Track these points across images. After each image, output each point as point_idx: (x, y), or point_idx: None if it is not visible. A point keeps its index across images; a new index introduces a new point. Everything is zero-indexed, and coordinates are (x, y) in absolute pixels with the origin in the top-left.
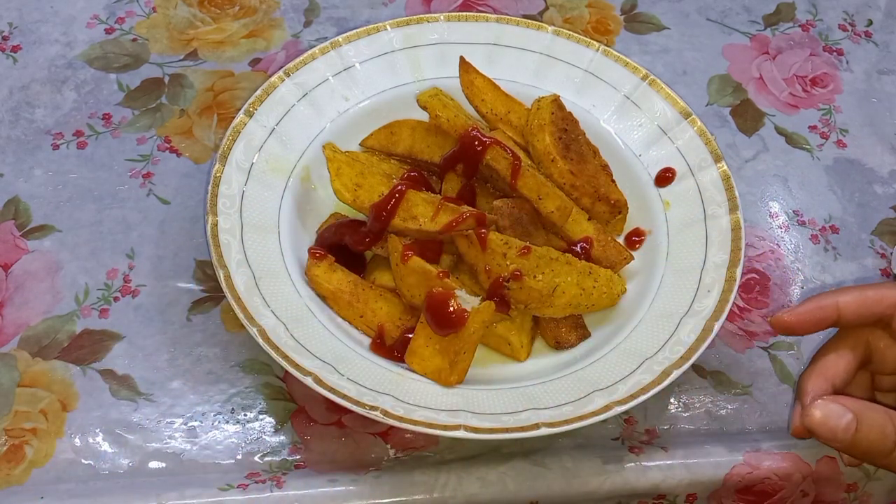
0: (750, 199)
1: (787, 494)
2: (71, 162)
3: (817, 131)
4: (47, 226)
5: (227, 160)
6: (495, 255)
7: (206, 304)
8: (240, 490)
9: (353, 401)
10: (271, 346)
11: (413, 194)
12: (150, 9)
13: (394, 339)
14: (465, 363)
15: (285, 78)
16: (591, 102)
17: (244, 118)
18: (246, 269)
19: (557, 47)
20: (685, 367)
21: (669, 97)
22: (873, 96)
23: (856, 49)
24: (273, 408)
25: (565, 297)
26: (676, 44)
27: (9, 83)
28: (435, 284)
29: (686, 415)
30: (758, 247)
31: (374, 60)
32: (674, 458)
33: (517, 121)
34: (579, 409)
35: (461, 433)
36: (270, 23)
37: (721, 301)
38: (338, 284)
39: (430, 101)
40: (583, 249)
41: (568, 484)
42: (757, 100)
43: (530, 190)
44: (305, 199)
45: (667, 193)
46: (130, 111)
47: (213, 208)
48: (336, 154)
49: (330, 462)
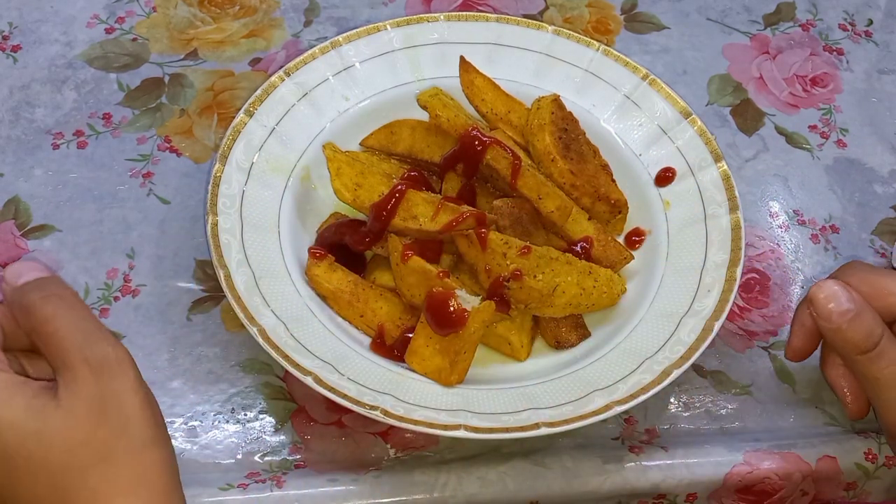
0: (750, 198)
1: (787, 494)
2: (71, 162)
3: (817, 131)
4: (47, 225)
5: (227, 160)
6: (495, 255)
7: (206, 304)
8: (240, 490)
9: (354, 400)
10: (271, 345)
11: (413, 194)
12: (151, 8)
13: (394, 338)
14: (465, 363)
15: (285, 77)
16: (592, 102)
17: (244, 118)
18: (246, 268)
19: (557, 47)
20: (685, 367)
21: (669, 97)
22: (873, 96)
23: (856, 49)
24: (273, 407)
25: (565, 297)
26: (676, 43)
27: (9, 83)
28: (435, 284)
29: (686, 414)
30: (758, 246)
31: (374, 60)
32: (674, 457)
33: (517, 120)
34: (579, 408)
35: (461, 433)
36: (270, 22)
37: (721, 301)
38: (338, 284)
39: (430, 101)
40: (583, 249)
41: (568, 484)
42: (757, 99)
43: (530, 190)
44: (305, 198)
45: (667, 193)
46: (130, 111)
47: (213, 208)
48: (336, 154)
49: (330, 462)
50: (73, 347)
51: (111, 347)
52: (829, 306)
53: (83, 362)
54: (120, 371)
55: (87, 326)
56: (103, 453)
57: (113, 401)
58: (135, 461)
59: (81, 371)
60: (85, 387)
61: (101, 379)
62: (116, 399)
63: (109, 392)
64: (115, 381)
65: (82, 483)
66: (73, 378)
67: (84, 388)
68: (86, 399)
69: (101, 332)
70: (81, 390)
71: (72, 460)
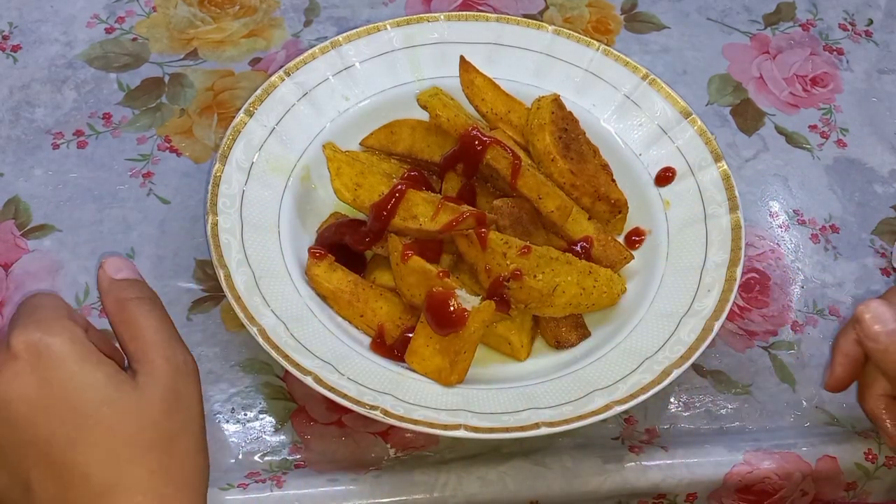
0: (750, 198)
1: (787, 494)
2: (71, 161)
3: (817, 131)
4: (47, 225)
5: (227, 160)
6: (495, 255)
7: (206, 304)
8: (240, 489)
9: (354, 400)
10: (271, 345)
11: (413, 194)
12: (151, 8)
13: (394, 338)
14: (465, 363)
15: (285, 77)
16: (592, 102)
17: (244, 118)
18: (246, 268)
19: (557, 47)
20: (685, 367)
21: (669, 97)
22: (873, 96)
23: (856, 48)
24: (273, 407)
25: (565, 297)
26: (676, 43)
27: (9, 83)
28: (435, 284)
29: (686, 414)
30: (758, 246)
31: (374, 60)
32: (674, 457)
33: (517, 120)
34: (579, 408)
35: (461, 433)
36: (270, 22)
37: (721, 300)
38: (338, 284)
39: (430, 101)
40: (583, 249)
41: (568, 483)
42: (757, 99)
43: (530, 189)
44: (305, 198)
45: (667, 193)
46: (130, 111)
47: (213, 208)
48: (336, 153)
49: (330, 461)
50: (156, 346)
51: (188, 356)
52: (876, 327)
53: (164, 359)
54: (193, 378)
55: (170, 332)
56: (166, 442)
57: (185, 400)
58: (189, 461)
59: (162, 366)
60: (163, 379)
61: (177, 377)
62: (187, 400)
63: (183, 391)
64: (189, 385)
65: (140, 462)
66: (153, 370)
67: (162, 380)
68: (162, 389)
69: (180, 340)
70: (159, 381)
71: (138, 437)
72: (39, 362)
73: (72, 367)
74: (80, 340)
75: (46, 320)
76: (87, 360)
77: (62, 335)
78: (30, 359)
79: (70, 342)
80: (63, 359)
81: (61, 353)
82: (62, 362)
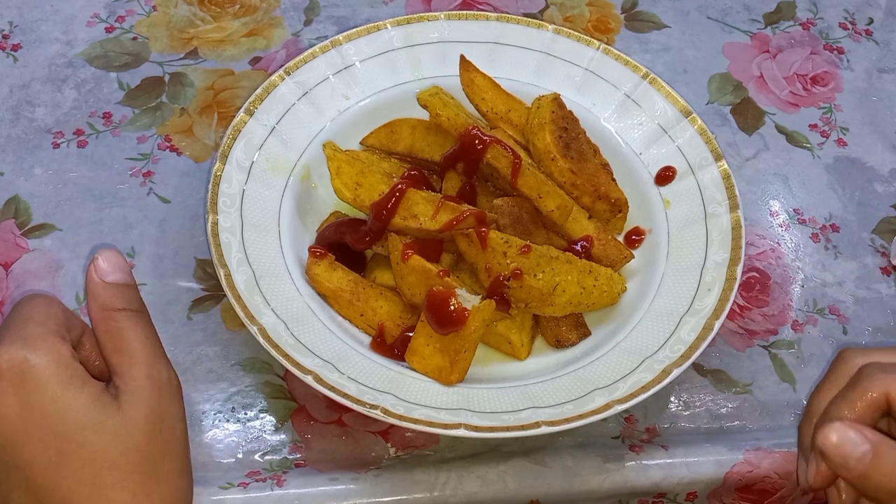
0: (750, 197)
1: (788, 493)
2: (71, 161)
3: (818, 130)
4: (48, 224)
5: (227, 159)
6: (495, 254)
7: (206, 303)
8: (240, 489)
9: (354, 399)
10: (272, 344)
11: (413, 193)
12: (151, 7)
13: (394, 337)
14: (465, 362)
15: (286, 76)
16: (592, 101)
17: (244, 117)
18: (246, 267)
19: (558, 46)
20: (685, 366)
21: (670, 96)
22: (874, 95)
23: (856, 47)
24: (273, 406)
25: (566, 296)
26: (677, 42)
27: (9, 82)
28: (435, 283)
29: (686, 413)
30: (758, 245)
31: (374, 59)
32: (674, 456)
33: (517, 119)
34: (580, 407)
35: (461, 432)
36: (271, 21)
37: (721, 300)
38: (338, 283)
39: (430, 100)
40: (583, 248)
41: (568, 482)
42: (757, 98)
43: (531, 188)
44: (306, 197)
45: (667, 192)
46: (131, 110)
47: (213, 207)
48: (336, 153)
49: (330, 461)
50: (140, 363)
51: (171, 372)
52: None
53: (147, 377)
54: (177, 396)
55: (155, 347)
56: (149, 465)
57: (168, 421)
58: (173, 484)
59: (145, 385)
60: (147, 399)
61: (161, 398)
62: (171, 420)
63: (167, 411)
64: (173, 404)
65: (123, 486)
66: (137, 388)
67: (146, 401)
68: (146, 410)
69: (164, 356)
70: (143, 401)
71: (121, 460)
72: (23, 384)
73: (55, 390)
74: (65, 362)
75: (33, 338)
76: (70, 384)
77: (48, 356)
78: (13, 379)
79: (55, 364)
80: (46, 382)
81: (45, 375)
82: (45, 386)
